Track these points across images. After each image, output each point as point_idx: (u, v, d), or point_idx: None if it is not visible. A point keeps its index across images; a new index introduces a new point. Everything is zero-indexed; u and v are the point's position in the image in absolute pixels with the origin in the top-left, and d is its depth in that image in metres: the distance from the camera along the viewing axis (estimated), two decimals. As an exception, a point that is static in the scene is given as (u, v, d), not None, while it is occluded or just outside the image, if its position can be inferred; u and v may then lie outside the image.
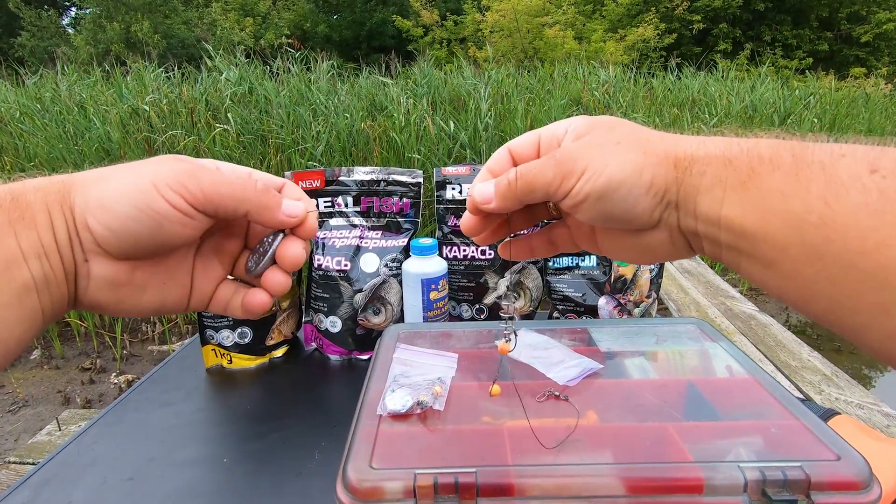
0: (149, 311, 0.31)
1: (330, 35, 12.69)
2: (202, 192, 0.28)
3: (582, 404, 0.44)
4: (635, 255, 0.31)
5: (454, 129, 3.23)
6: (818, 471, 0.34)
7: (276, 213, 0.31)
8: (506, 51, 7.89)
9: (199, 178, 0.28)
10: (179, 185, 0.27)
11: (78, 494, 0.52)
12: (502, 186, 0.31)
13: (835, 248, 0.22)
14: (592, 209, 0.29)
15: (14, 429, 2.08)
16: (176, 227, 0.28)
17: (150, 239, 0.28)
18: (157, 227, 0.27)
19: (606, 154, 0.28)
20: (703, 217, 0.27)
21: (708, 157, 0.26)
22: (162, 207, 0.27)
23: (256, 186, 0.30)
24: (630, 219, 0.28)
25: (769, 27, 10.85)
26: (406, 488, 0.35)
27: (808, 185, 0.23)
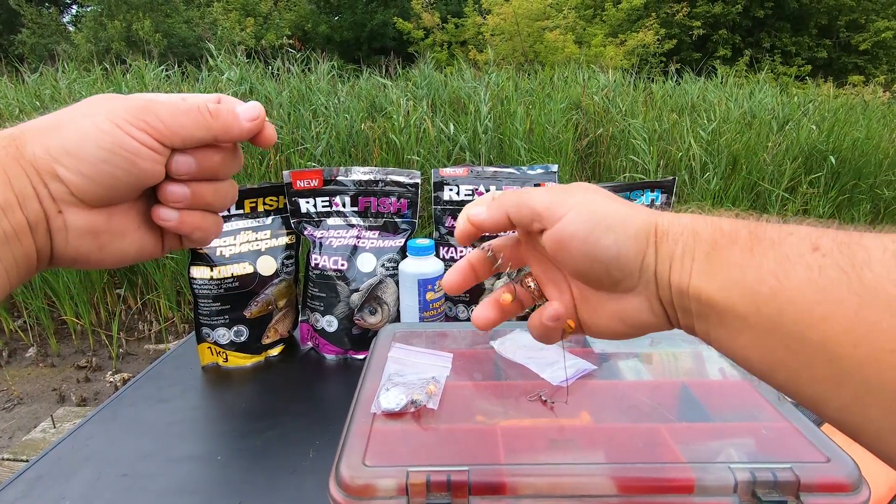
0: (130, 257, 0.30)
1: (331, 36, 12.71)
2: (165, 126, 0.28)
3: (575, 405, 0.45)
4: (616, 324, 0.31)
5: (454, 132, 3.23)
6: (808, 472, 0.35)
7: (240, 124, 0.30)
8: (506, 54, 7.91)
9: (156, 112, 0.28)
10: (140, 122, 0.27)
11: (72, 490, 0.52)
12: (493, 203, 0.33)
13: (787, 320, 0.23)
14: (578, 249, 0.29)
15: (9, 426, 2.07)
16: (148, 164, 0.27)
17: (126, 178, 0.27)
18: (131, 167, 0.27)
19: (593, 199, 0.30)
20: (675, 286, 0.28)
21: (681, 228, 0.28)
22: (132, 145, 0.27)
23: (209, 108, 0.30)
24: (614, 265, 0.28)
25: (769, 34, 10.90)
26: (399, 486, 0.35)
27: (761, 260, 0.24)
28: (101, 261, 0.29)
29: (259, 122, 0.31)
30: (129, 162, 0.27)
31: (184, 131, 0.28)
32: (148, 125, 0.27)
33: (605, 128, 3.74)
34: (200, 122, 0.29)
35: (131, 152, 0.27)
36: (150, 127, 0.27)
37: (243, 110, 0.31)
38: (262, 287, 0.75)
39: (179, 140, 0.28)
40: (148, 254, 0.31)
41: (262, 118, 0.31)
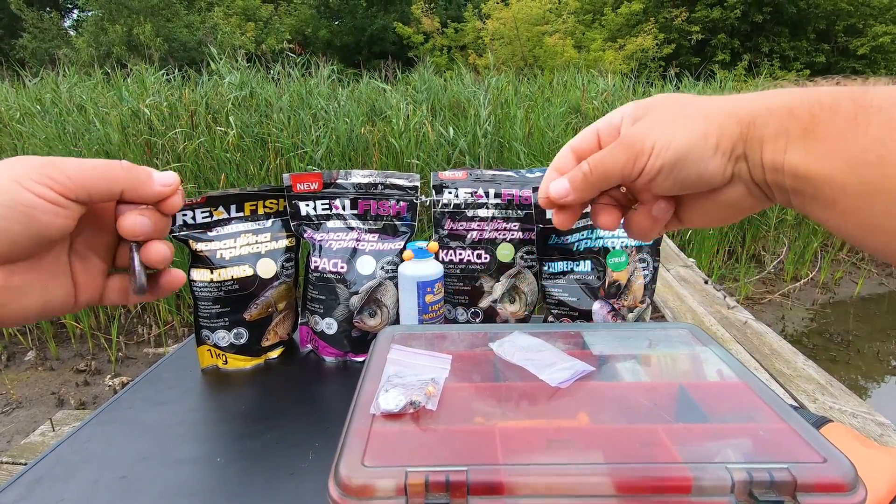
0: (33, 315, 0.30)
1: (331, 40, 12.76)
2: (69, 180, 0.28)
3: (573, 406, 0.45)
4: (721, 214, 0.33)
5: (454, 136, 3.24)
6: (804, 472, 0.35)
7: (151, 184, 0.31)
8: (506, 58, 7.94)
9: (60, 167, 0.28)
10: (43, 177, 0.27)
11: (70, 492, 0.52)
12: (577, 179, 0.33)
13: (890, 185, 0.24)
14: (668, 180, 0.31)
15: (7, 430, 2.07)
16: (48, 218, 0.27)
17: (24, 233, 0.27)
18: (29, 221, 0.27)
19: (669, 128, 0.30)
20: (769, 166, 0.28)
21: (770, 110, 0.28)
22: (30, 199, 0.27)
23: (122, 165, 0.30)
24: (705, 181, 0.30)
25: (767, 38, 10.95)
26: (397, 486, 0.35)
27: (866, 127, 0.25)
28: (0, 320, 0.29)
29: (171, 189, 0.32)
30: (27, 216, 0.27)
31: (88, 183, 0.28)
32: (51, 179, 0.27)
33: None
34: (107, 175, 0.29)
35: (29, 206, 0.27)
36: (53, 181, 0.27)
37: (158, 174, 0.32)
38: (262, 290, 0.75)
39: (85, 193, 0.28)
40: (54, 311, 0.31)
41: (176, 186, 0.32)
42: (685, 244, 3.52)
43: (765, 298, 3.54)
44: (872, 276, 3.95)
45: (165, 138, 2.97)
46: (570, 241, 0.74)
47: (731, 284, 3.58)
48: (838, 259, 4.13)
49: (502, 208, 0.79)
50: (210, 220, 0.74)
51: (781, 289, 3.67)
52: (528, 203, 0.78)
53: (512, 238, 0.80)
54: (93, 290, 0.33)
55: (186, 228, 0.73)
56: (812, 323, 3.27)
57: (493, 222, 0.80)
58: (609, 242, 0.73)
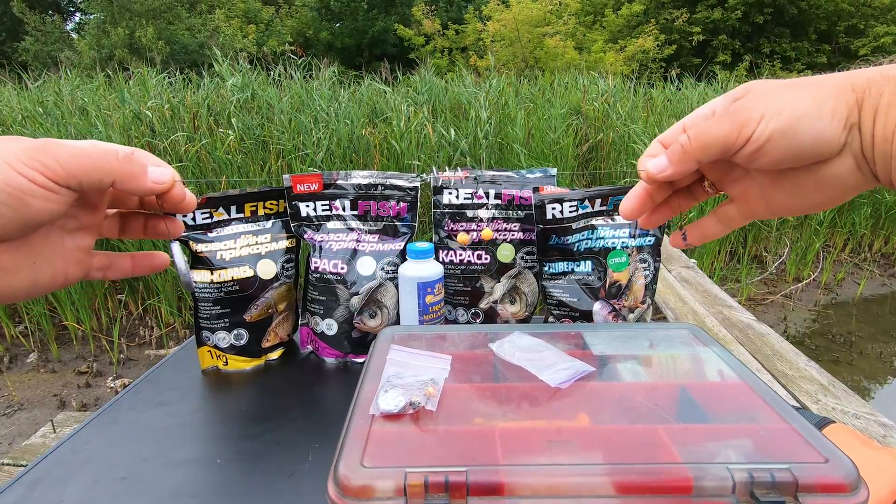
0: (21, 293, 0.30)
1: (332, 42, 12.78)
2: (60, 167, 0.27)
3: (573, 407, 0.45)
4: (822, 195, 0.31)
5: (454, 137, 3.24)
6: (806, 473, 0.34)
7: (143, 180, 0.31)
8: (506, 60, 7.94)
9: (54, 152, 0.27)
10: (35, 161, 0.27)
11: (70, 493, 0.52)
12: (676, 152, 0.32)
13: None
14: (777, 149, 0.29)
15: (9, 432, 2.07)
16: (40, 203, 0.27)
17: (14, 216, 0.27)
18: (20, 205, 0.27)
19: (779, 96, 0.29)
20: (879, 137, 0.28)
21: (885, 79, 0.28)
22: (22, 184, 0.26)
23: (118, 155, 0.30)
24: (817, 149, 0.29)
25: (768, 39, 10.94)
26: (397, 487, 0.35)
27: None
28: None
29: (163, 186, 0.32)
30: (17, 199, 0.26)
31: (80, 172, 0.28)
32: (42, 165, 0.27)
33: (606, 133, 3.75)
34: (99, 166, 0.29)
35: (20, 190, 0.26)
36: (45, 166, 0.27)
37: (153, 169, 0.31)
38: (262, 290, 0.75)
39: (76, 181, 0.28)
40: (43, 289, 0.31)
41: (170, 184, 0.32)
42: (687, 245, 3.51)
43: (766, 299, 3.53)
44: (875, 277, 3.94)
45: (167, 141, 2.98)
46: (571, 242, 0.73)
47: (732, 285, 3.57)
48: (840, 260, 4.12)
49: (503, 209, 0.79)
50: (210, 221, 0.74)
51: (783, 290, 3.66)
52: (529, 203, 0.78)
53: (512, 239, 0.80)
54: (81, 267, 0.33)
55: (186, 229, 0.73)
56: (814, 324, 3.26)
57: (494, 223, 0.80)
58: (610, 243, 0.73)
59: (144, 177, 0.31)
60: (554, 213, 0.72)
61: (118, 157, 0.30)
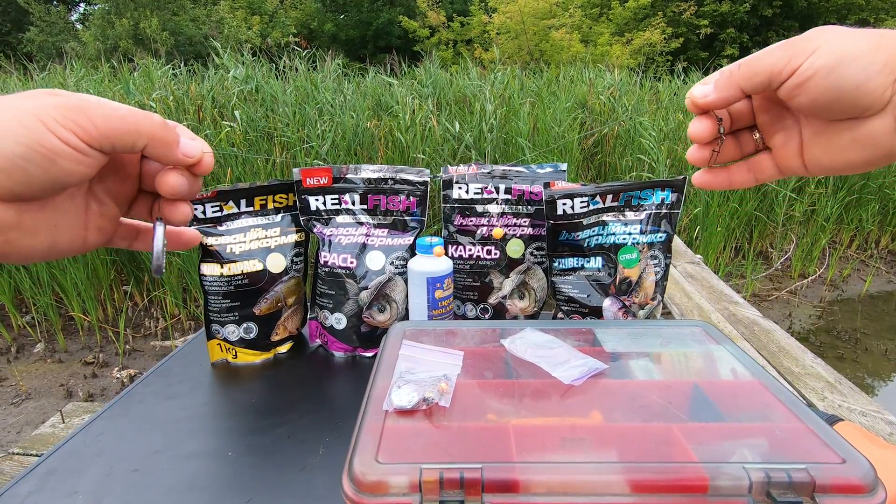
0: (38, 254, 0.29)
1: (336, 34, 12.72)
2: (95, 128, 0.26)
3: (587, 404, 0.45)
4: (856, 154, 0.31)
5: (459, 130, 3.23)
6: (823, 473, 0.34)
7: (175, 149, 0.30)
8: (512, 53, 7.89)
9: (89, 113, 0.26)
10: (69, 121, 0.26)
11: (84, 485, 0.52)
12: (722, 78, 0.32)
13: None
14: (819, 87, 0.29)
15: (17, 421, 2.09)
16: (70, 165, 0.26)
17: (42, 177, 0.26)
18: (49, 165, 0.26)
19: (839, 36, 0.29)
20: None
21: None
22: (54, 144, 0.25)
23: (153, 122, 0.29)
24: (860, 98, 0.28)
25: (777, 33, 10.82)
26: (412, 483, 0.35)
27: None
28: (4, 253, 0.27)
29: (192, 161, 0.31)
30: (48, 160, 0.25)
31: (114, 134, 0.27)
32: (76, 125, 0.26)
33: (611, 127, 3.73)
34: (134, 130, 0.28)
35: (51, 150, 0.25)
36: (79, 127, 0.26)
37: (185, 141, 0.31)
38: (272, 284, 0.75)
39: (109, 143, 0.27)
40: (61, 252, 0.30)
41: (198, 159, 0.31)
42: (692, 240, 3.50)
43: (772, 295, 3.52)
44: (881, 274, 3.92)
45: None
46: (581, 238, 0.73)
47: (737, 281, 3.56)
48: (847, 256, 4.10)
49: (512, 204, 0.79)
50: (220, 215, 0.74)
51: (789, 286, 3.64)
52: (539, 199, 0.78)
53: (522, 234, 0.79)
54: (103, 235, 0.32)
55: (196, 223, 0.73)
56: (819, 320, 3.24)
57: (504, 218, 0.79)
58: (620, 239, 0.73)
59: (176, 146, 0.30)
60: (564, 208, 0.72)
61: (153, 121, 0.29)
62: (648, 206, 0.73)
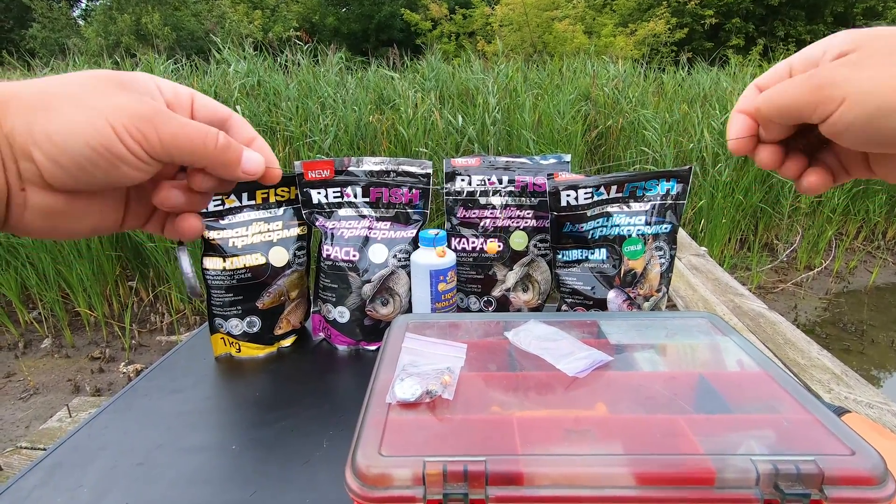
0: (81, 235, 0.30)
1: (338, 28, 12.67)
2: (161, 144, 0.27)
3: (591, 396, 0.44)
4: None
5: (462, 124, 3.21)
6: (832, 465, 0.34)
7: (235, 170, 0.30)
8: (515, 45, 7.83)
9: (158, 126, 0.27)
10: (138, 133, 0.26)
11: (88, 478, 0.53)
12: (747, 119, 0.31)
13: None
14: (858, 137, 0.26)
15: (25, 416, 2.11)
16: (130, 171, 0.27)
17: (102, 178, 0.27)
18: (111, 169, 0.27)
19: (876, 75, 0.25)
20: None
21: None
22: (121, 152, 0.26)
23: (218, 143, 0.29)
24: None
25: (783, 22, 10.69)
26: (415, 475, 0.35)
27: None
28: (50, 235, 0.29)
29: (253, 178, 0.31)
30: (113, 166, 0.26)
31: (178, 153, 0.28)
32: (145, 138, 0.27)
33: (615, 119, 3.70)
34: (198, 150, 0.28)
35: (118, 158, 0.26)
36: (146, 140, 0.27)
37: (248, 159, 0.31)
38: (275, 278, 0.75)
39: (169, 157, 0.28)
40: (100, 232, 0.31)
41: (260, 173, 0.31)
42: (697, 233, 3.48)
43: (777, 287, 3.50)
44: (888, 265, 3.89)
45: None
46: (585, 230, 0.72)
47: (742, 273, 3.54)
48: (853, 248, 4.06)
49: (516, 196, 0.78)
50: (222, 209, 0.74)
51: (794, 278, 3.62)
52: (542, 190, 0.77)
53: (525, 226, 0.79)
54: (139, 219, 0.33)
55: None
56: (825, 312, 3.22)
57: (507, 210, 0.79)
58: (625, 230, 0.72)
59: (236, 167, 0.30)
60: (568, 199, 0.71)
61: (217, 145, 0.29)
62: (653, 197, 0.72)
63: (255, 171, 0.31)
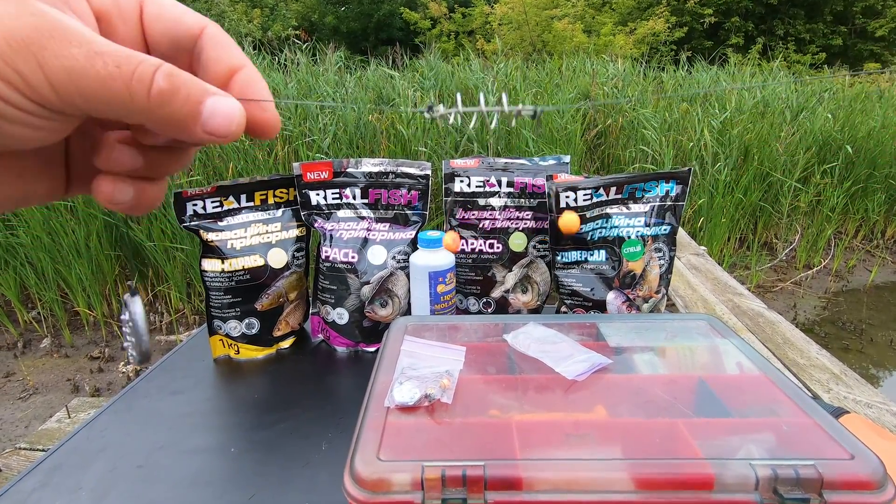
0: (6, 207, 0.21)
1: (338, 27, 12.64)
2: (51, 88, 0.16)
3: (590, 399, 0.44)
4: None
5: (461, 123, 3.21)
6: (831, 469, 0.34)
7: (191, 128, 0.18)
8: (514, 44, 7.82)
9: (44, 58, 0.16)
10: (10, 72, 0.16)
11: (88, 480, 0.52)
12: None
13: None
14: None
15: (25, 416, 2.11)
16: (18, 131, 0.17)
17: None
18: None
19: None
20: None
21: None
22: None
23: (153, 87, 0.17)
24: None
25: (782, 21, 10.68)
26: (414, 480, 0.35)
27: None
28: None
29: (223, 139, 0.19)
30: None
31: (84, 102, 0.17)
32: (22, 80, 0.16)
33: (615, 118, 3.70)
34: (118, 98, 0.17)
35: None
36: (25, 83, 0.16)
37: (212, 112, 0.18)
38: (273, 279, 0.75)
39: (78, 111, 0.17)
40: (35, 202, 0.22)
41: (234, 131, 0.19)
42: (696, 232, 3.48)
43: (776, 286, 3.50)
44: (887, 264, 3.89)
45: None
46: (585, 231, 0.72)
47: (741, 272, 3.54)
48: (852, 247, 4.07)
49: (515, 197, 0.78)
50: (220, 210, 0.73)
51: (793, 277, 3.62)
52: (542, 191, 0.77)
53: (525, 227, 0.79)
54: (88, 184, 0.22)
55: (197, 218, 0.72)
56: (824, 311, 3.23)
57: (506, 211, 0.79)
58: (624, 232, 0.72)
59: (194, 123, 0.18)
60: (568, 201, 0.71)
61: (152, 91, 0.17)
62: (653, 199, 0.72)
63: (223, 129, 0.19)
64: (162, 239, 2.69)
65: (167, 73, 0.17)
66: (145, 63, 0.17)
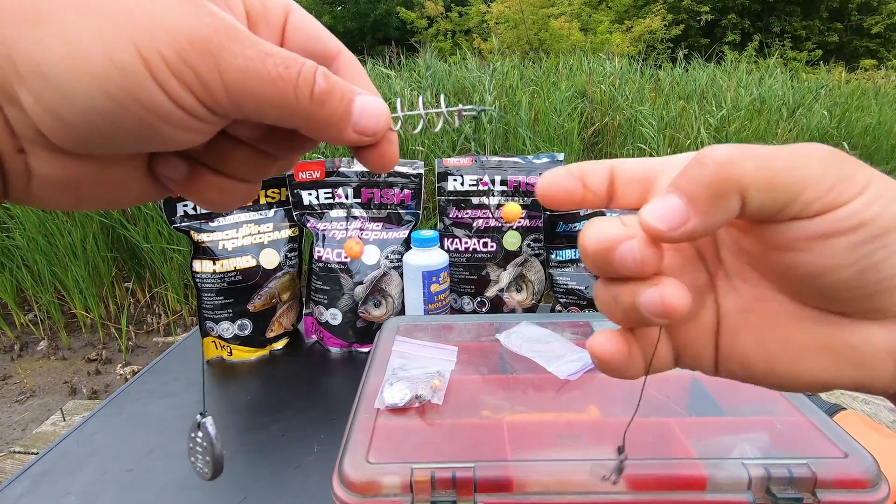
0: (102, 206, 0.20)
1: (334, 26, 12.63)
2: (225, 91, 0.16)
3: (583, 399, 0.44)
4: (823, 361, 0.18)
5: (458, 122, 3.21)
6: (825, 468, 0.33)
7: (343, 130, 0.18)
8: (511, 42, 7.82)
9: (222, 61, 0.16)
10: (187, 72, 0.15)
11: (77, 485, 0.52)
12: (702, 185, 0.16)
13: None
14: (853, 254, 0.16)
15: (22, 418, 2.10)
16: (175, 133, 0.16)
17: (129, 144, 0.17)
18: (144, 131, 0.16)
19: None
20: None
21: None
22: (158, 104, 0.15)
23: (315, 87, 0.17)
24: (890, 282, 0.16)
25: (778, 18, 10.70)
26: (403, 483, 0.34)
27: None
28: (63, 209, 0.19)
29: (371, 140, 0.19)
30: (147, 126, 0.16)
31: (252, 106, 0.16)
32: (199, 81, 0.15)
33: (612, 116, 3.70)
34: (285, 101, 0.17)
35: (154, 112, 0.15)
36: (201, 86, 0.16)
37: (362, 111, 0.19)
38: (266, 280, 0.74)
39: (241, 114, 0.17)
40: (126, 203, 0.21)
41: (381, 131, 0.19)
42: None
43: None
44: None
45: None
46: (579, 228, 0.72)
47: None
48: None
49: (508, 195, 0.78)
50: (211, 211, 0.73)
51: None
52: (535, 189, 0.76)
53: (518, 226, 0.78)
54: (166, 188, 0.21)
55: (188, 219, 0.72)
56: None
57: (500, 209, 0.78)
58: (618, 229, 0.72)
59: (346, 125, 0.18)
60: (561, 199, 0.71)
61: (314, 91, 0.17)
62: (647, 196, 0.72)
63: (372, 127, 0.19)
64: (158, 240, 2.68)
65: (325, 74, 0.18)
66: (308, 65, 0.17)
